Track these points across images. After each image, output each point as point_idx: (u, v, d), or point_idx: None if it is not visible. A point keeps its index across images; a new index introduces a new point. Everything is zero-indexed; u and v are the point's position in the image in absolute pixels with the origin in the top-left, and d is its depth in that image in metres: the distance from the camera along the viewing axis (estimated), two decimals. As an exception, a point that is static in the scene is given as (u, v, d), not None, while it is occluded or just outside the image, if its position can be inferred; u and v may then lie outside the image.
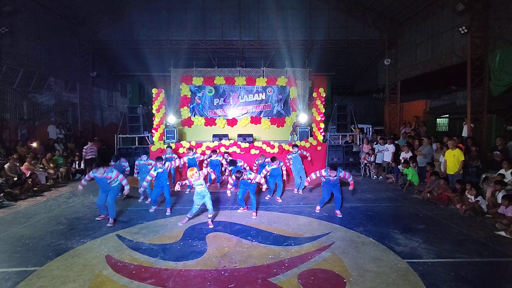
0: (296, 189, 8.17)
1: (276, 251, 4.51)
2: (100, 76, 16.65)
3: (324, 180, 6.27)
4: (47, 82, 13.19)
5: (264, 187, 6.43)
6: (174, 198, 7.30)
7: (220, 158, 8.71)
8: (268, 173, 7.23)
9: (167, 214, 6.32)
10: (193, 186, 5.61)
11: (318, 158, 10.64)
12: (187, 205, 6.67)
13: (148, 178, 6.34)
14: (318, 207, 6.47)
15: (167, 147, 9.20)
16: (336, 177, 6.14)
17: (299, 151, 8.37)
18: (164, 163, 6.57)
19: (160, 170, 6.34)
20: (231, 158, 8.46)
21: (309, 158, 8.86)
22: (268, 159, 7.65)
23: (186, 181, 5.75)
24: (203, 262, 4.19)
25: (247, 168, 8.14)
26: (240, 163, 8.00)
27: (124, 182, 5.96)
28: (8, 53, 10.93)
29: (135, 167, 8.02)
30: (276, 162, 7.37)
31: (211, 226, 5.55)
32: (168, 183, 6.56)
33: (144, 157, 7.83)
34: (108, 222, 5.68)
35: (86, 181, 5.99)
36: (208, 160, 8.72)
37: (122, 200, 7.26)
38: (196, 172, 5.57)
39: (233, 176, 6.12)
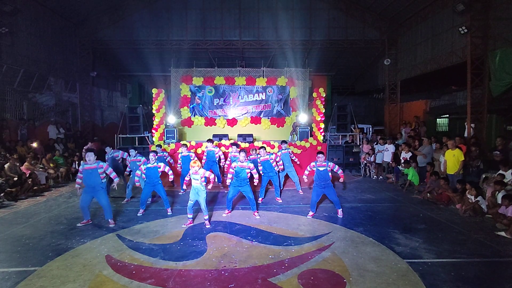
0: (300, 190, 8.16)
1: (276, 251, 4.51)
2: (100, 76, 16.65)
3: (315, 170, 6.04)
4: (47, 82, 13.19)
5: (256, 181, 6.37)
6: (170, 198, 7.21)
7: (217, 150, 8.49)
8: (260, 165, 7.21)
9: (168, 214, 6.31)
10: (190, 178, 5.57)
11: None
12: (186, 204, 6.62)
13: (138, 172, 6.17)
14: (311, 213, 6.16)
15: (156, 146, 8.85)
16: (325, 167, 5.97)
17: (288, 149, 8.24)
18: (156, 159, 6.37)
19: (150, 165, 6.16)
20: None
21: (297, 162, 8.63)
22: (258, 151, 7.43)
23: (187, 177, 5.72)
24: (203, 262, 4.19)
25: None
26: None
27: (113, 174, 5.77)
28: (8, 53, 10.93)
29: (127, 163, 7.62)
30: (263, 152, 7.28)
31: (208, 226, 5.55)
32: (160, 182, 6.33)
33: (132, 152, 7.43)
34: (110, 224, 5.65)
35: (80, 179, 5.63)
36: (206, 153, 8.44)
37: (120, 202, 7.26)
38: (198, 166, 5.49)
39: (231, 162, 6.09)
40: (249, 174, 6.14)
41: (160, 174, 6.34)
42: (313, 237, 5.02)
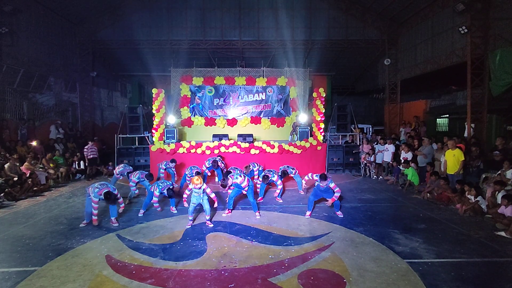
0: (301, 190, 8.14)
1: (276, 251, 4.51)
2: (100, 76, 16.65)
3: (315, 185, 6.16)
4: (47, 82, 13.19)
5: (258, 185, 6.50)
6: (176, 198, 7.19)
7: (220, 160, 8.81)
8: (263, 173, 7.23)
9: (174, 212, 6.36)
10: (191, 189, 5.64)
11: (318, 158, 10.64)
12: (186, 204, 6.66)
13: (155, 199, 6.15)
14: (308, 213, 6.12)
15: (171, 161, 8.39)
16: (326, 186, 5.91)
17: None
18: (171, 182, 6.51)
19: (162, 188, 6.14)
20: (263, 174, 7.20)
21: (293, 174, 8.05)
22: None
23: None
24: (203, 262, 4.19)
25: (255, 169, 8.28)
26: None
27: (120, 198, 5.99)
28: (8, 53, 10.93)
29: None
30: (280, 183, 7.10)
31: (211, 225, 5.56)
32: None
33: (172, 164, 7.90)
34: (112, 223, 5.66)
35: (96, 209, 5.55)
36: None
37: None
38: (200, 183, 5.45)
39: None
40: (246, 189, 6.10)
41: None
42: (313, 237, 5.02)
